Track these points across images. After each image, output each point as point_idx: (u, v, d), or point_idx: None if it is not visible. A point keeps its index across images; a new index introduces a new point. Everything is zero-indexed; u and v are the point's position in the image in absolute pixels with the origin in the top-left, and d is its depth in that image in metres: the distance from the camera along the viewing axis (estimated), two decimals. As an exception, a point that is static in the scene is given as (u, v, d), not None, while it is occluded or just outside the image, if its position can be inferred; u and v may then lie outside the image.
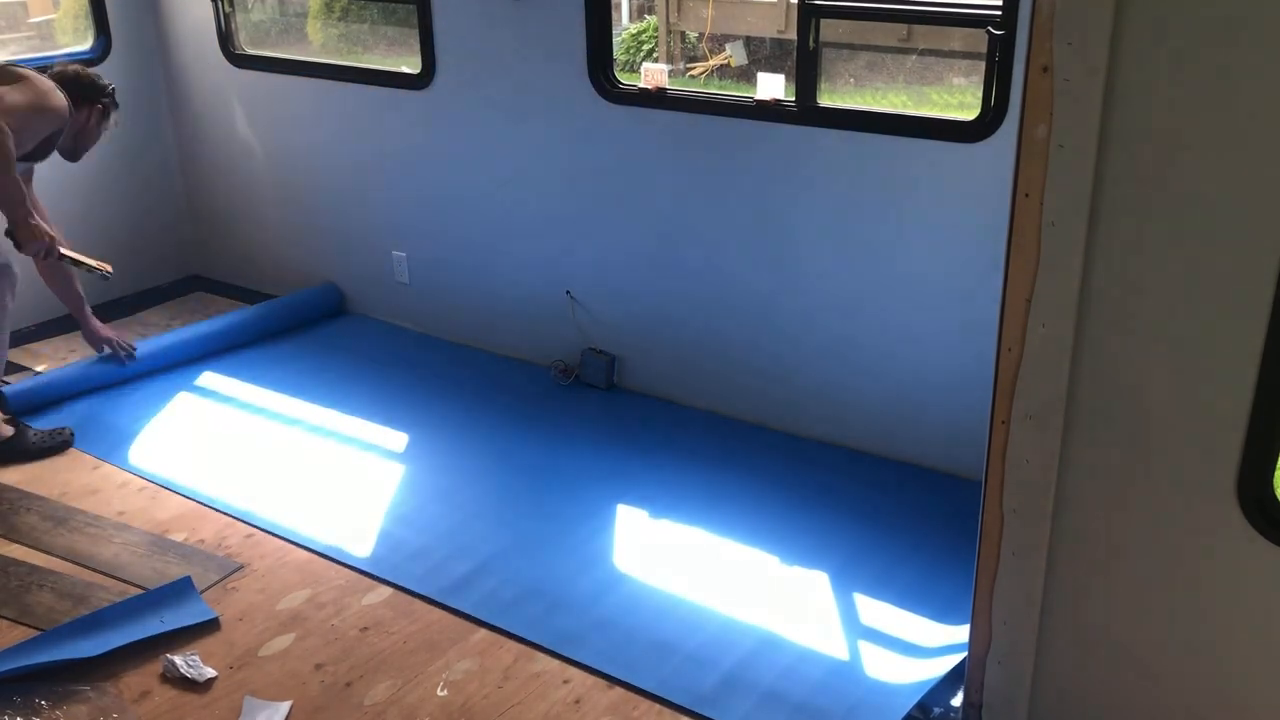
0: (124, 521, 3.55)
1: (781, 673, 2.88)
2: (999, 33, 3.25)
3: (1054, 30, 1.96)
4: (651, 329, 4.31)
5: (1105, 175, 2.01)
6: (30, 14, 6.22)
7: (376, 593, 3.20)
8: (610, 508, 3.65)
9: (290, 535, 3.47)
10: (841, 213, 3.74)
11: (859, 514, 3.57)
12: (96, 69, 4.68)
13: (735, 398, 4.16)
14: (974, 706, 2.54)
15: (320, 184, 5.14)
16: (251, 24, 6.09)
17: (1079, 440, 2.20)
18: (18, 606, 3.13)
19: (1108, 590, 2.30)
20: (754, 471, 3.83)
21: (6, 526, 3.51)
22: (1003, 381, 2.22)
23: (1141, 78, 1.93)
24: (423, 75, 4.56)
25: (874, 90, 7.91)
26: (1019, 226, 2.11)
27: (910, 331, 3.71)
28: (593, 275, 4.39)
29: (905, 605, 3.14)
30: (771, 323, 3.99)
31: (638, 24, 10.12)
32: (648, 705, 2.77)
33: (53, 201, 5.09)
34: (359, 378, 4.59)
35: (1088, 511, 2.25)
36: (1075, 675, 2.41)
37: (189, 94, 5.42)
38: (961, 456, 3.65)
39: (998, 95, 3.32)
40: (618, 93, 4.09)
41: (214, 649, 2.97)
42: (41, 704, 2.74)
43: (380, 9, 8.09)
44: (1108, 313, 2.09)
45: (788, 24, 8.24)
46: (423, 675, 2.87)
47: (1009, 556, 2.35)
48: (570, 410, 4.30)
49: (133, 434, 4.10)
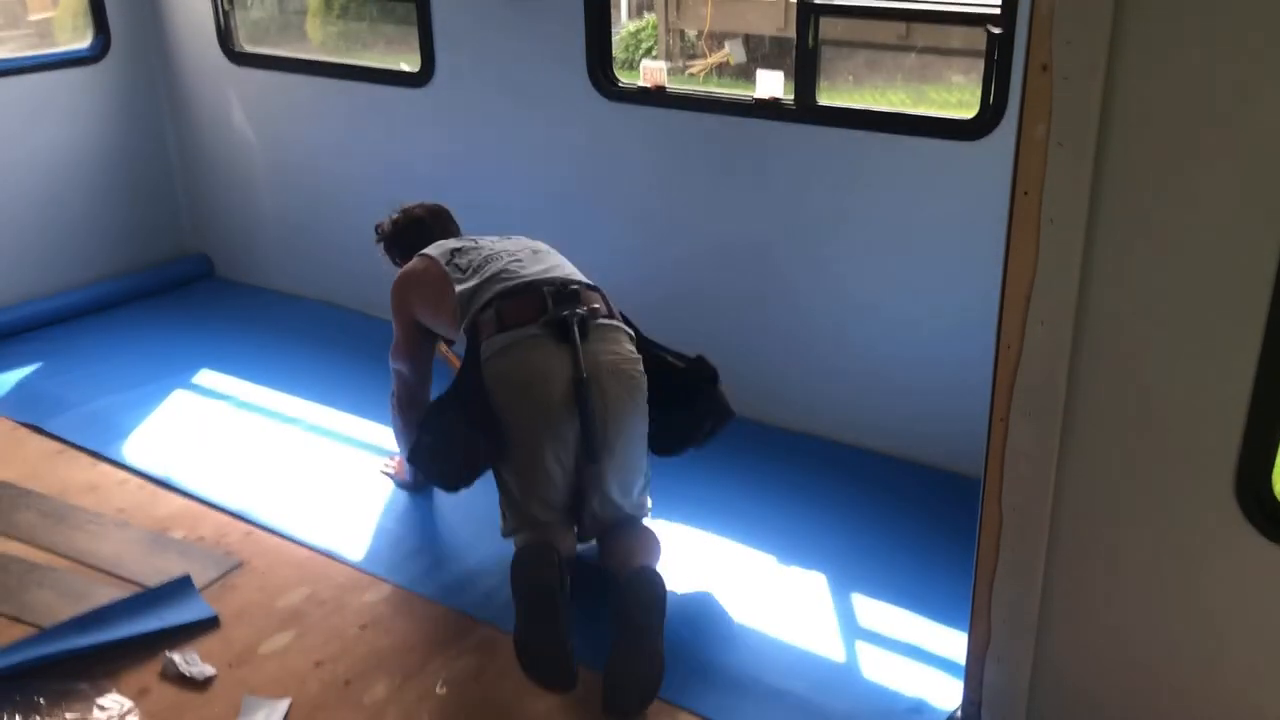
0: (123, 519, 3.54)
1: (780, 672, 2.88)
2: (998, 31, 3.25)
3: (1053, 28, 1.95)
4: (650, 327, 4.29)
5: (1104, 173, 2.00)
6: (29, 12, 6.22)
7: (376, 590, 3.20)
8: (609, 506, 3.65)
9: (289, 533, 3.47)
10: (840, 211, 3.74)
11: (857, 511, 3.57)
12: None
13: (733, 396, 4.14)
14: (973, 704, 2.54)
15: (320, 181, 5.14)
16: (251, 22, 6.09)
17: (1078, 438, 2.20)
18: (17, 604, 3.12)
19: (1107, 588, 2.30)
20: (753, 470, 3.82)
21: (6, 523, 3.50)
22: (1001, 379, 2.22)
23: (1141, 76, 1.93)
24: (422, 73, 4.56)
25: (873, 88, 7.92)
26: (1018, 225, 2.11)
27: (909, 329, 3.71)
28: (591, 273, 4.37)
29: (904, 603, 3.14)
30: (769, 320, 3.99)
31: (637, 22, 10.12)
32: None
33: (52, 200, 5.12)
34: (358, 376, 4.58)
35: (1087, 509, 2.25)
36: (1074, 673, 2.41)
37: (188, 92, 5.42)
38: (960, 454, 3.64)
39: (997, 93, 3.32)
40: (617, 90, 4.09)
41: (213, 647, 2.97)
42: (41, 702, 2.74)
43: (379, 7, 8.09)
44: (1107, 311, 2.09)
45: (787, 22, 8.24)
46: (422, 673, 2.87)
47: (1008, 554, 2.35)
48: (569, 408, 4.30)
49: (132, 431, 4.10)
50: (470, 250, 3.32)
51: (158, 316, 5.20)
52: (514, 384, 2.98)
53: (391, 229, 3.68)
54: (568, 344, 2.96)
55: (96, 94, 5.20)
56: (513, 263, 3.21)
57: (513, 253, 3.28)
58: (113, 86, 5.26)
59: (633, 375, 3.03)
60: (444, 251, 3.34)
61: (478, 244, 3.35)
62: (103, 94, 5.22)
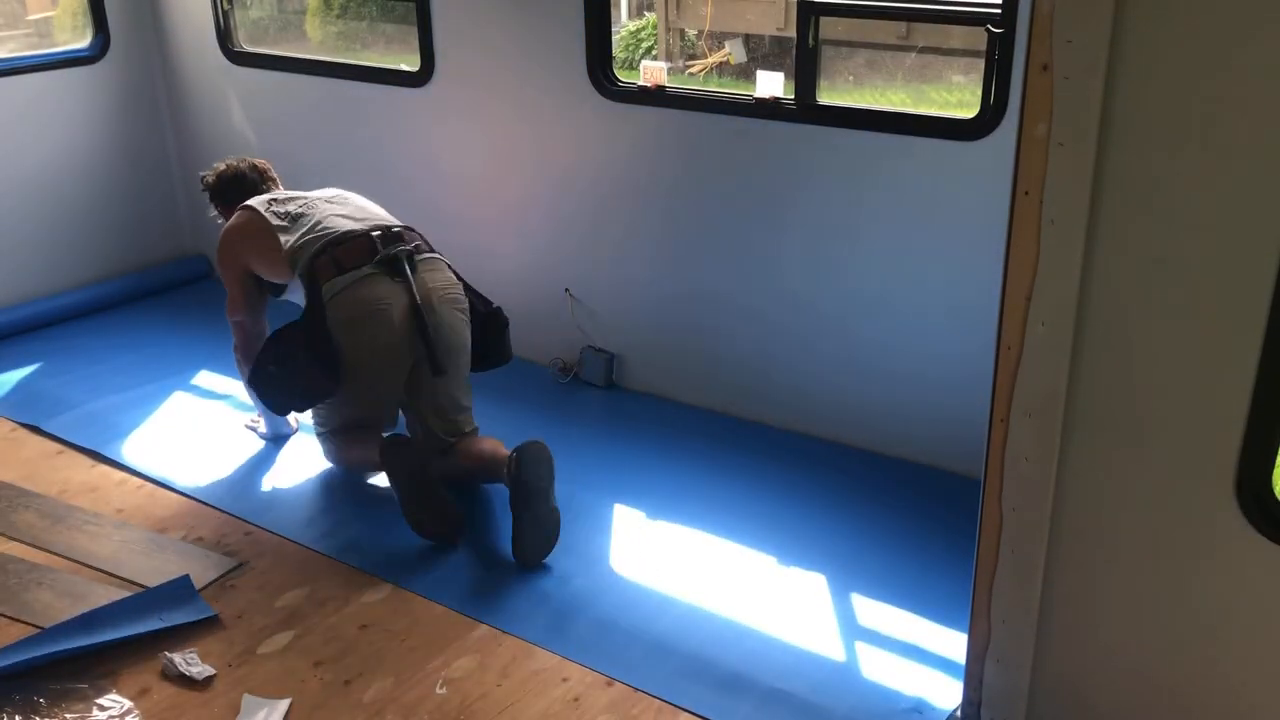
0: (123, 519, 3.54)
1: (780, 673, 2.88)
2: (998, 30, 3.25)
3: (1053, 28, 1.95)
4: (650, 327, 4.31)
5: (1105, 173, 2.00)
6: (28, 11, 6.21)
7: (375, 590, 3.20)
8: (609, 506, 3.65)
9: (289, 533, 3.47)
10: (840, 210, 3.74)
11: (857, 512, 3.57)
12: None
13: (735, 396, 4.16)
14: (973, 704, 2.54)
15: (319, 181, 5.12)
16: (250, 21, 6.09)
17: (1078, 438, 2.20)
18: (16, 604, 3.12)
19: (1106, 588, 2.30)
20: (753, 469, 3.82)
21: (5, 524, 3.50)
22: (1002, 379, 2.22)
23: (1141, 75, 1.93)
24: (421, 73, 4.55)
25: (873, 88, 7.91)
26: (1018, 224, 2.11)
27: (909, 329, 3.71)
28: (592, 273, 4.39)
29: (904, 604, 3.14)
30: (770, 320, 3.99)
31: (637, 21, 10.11)
32: (646, 703, 2.77)
33: (51, 201, 5.12)
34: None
35: (1086, 509, 2.25)
36: (1074, 673, 2.41)
37: (187, 91, 5.42)
38: (961, 454, 3.64)
39: (997, 93, 3.31)
40: (617, 90, 4.09)
41: (213, 646, 2.97)
42: (40, 702, 2.74)
43: (379, 6, 8.09)
44: (1107, 310, 2.09)
45: (787, 21, 8.24)
46: (421, 673, 2.87)
47: (1008, 554, 2.35)
48: (569, 408, 4.30)
49: (131, 431, 4.10)
50: (288, 200, 3.71)
51: (157, 317, 5.20)
52: (359, 317, 3.39)
53: (215, 182, 3.96)
54: (401, 277, 3.42)
55: (96, 94, 5.20)
56: (334, 214, 3.62)
57: (330, 199, 3.72)
58: (112, 86, 5.26)
59: (459, 299, 3.56)
60: (263, 202, 3.71)
61: (294, 195, 3.75)
62: (102, 94, 5.22)
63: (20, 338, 4.88)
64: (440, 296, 3.47)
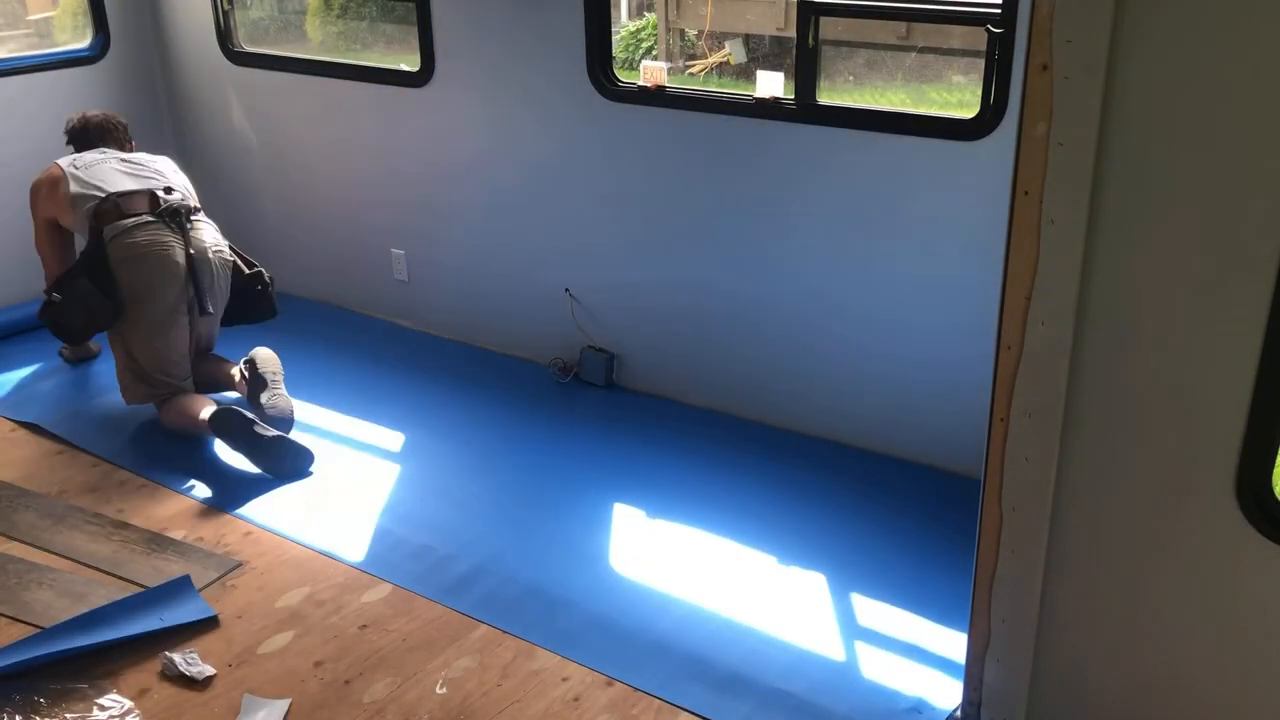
0: (123, 519, 3.54)
1: (780, 672, 2.88)
2: (998, 30, 3.25)
3: (1053, 28, 1.95)
4: (651, 327, 4.31)
5: (1105, 173, 2.00)
6: (28, 11, 6.21)
7: (375, 590, 3.20)
8: (609, 506, 3.65)
9: (289, 533, 3.47)
10: (840, 210, 3.74)
11: (858, 512, 3.57)
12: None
13: (734, 395, 4.16)
14: (973, 704, 2.54)
15: (319, 181, 5.14)
16: (250, 21, 6.08)
17: (1078, 438, 2.20)
18: (16, 604, 3.12)
19: (1106, 588, 2.30)
20: (753, 469, 3.83)
21: (5, 523, 3.50)
22: (1002, 379, 2.22)
23: (1141, 75, 1.93)
24: (422, 73, 4.56)
25: (873, 88, 7.91)
26: (1018, 224, 2.11)
27: (909, 329, 3.71)
28: (591, 272, 4.39)
29: (904, 603, 3.14)
30: (770, 320, 3.99)
31: (637, 21, 10.11)
32: (646, 703, 2.77)
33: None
34: (357, 375, 4.60)
35: (1086, 509, 2.25)
36: (1074, 673, 2.41)
37: (187, 91, 5.42)
38: (961, 454, 3.65)
39: (997, 93, 3.32)
40: (617, 90, 4.09)
41: (213, 646, 2.97)
42: (41, 701, 2.74)
43: (379, 6, 8.09)
44: (1107, 310, 2.09)
45: (787, 22, 8.24)
46: (422, 673, 2.87)
47: (1008, 554, 2.35)
48: (569, 408, 4.30)
49: (132, 431, 4.10)
50: (89, 157, 4.18)
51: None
52: (141, 255, 3.90)
53: (69, 130, 4.41)
54: (178, 229, 3.98)
55: (96, 93, 5.20)
56: (118, 171, 4.10)
57: (123, 158, 4.20)
58: (112, 86, 5.26)
59: (226, 259, 4.15)
60: (70, 160, 4.17)
61: (104, 154, 4.22)
62: (102, 93, 5.22)
63: (20, 338, 4.88)
64: (212, 250, 4.06)
